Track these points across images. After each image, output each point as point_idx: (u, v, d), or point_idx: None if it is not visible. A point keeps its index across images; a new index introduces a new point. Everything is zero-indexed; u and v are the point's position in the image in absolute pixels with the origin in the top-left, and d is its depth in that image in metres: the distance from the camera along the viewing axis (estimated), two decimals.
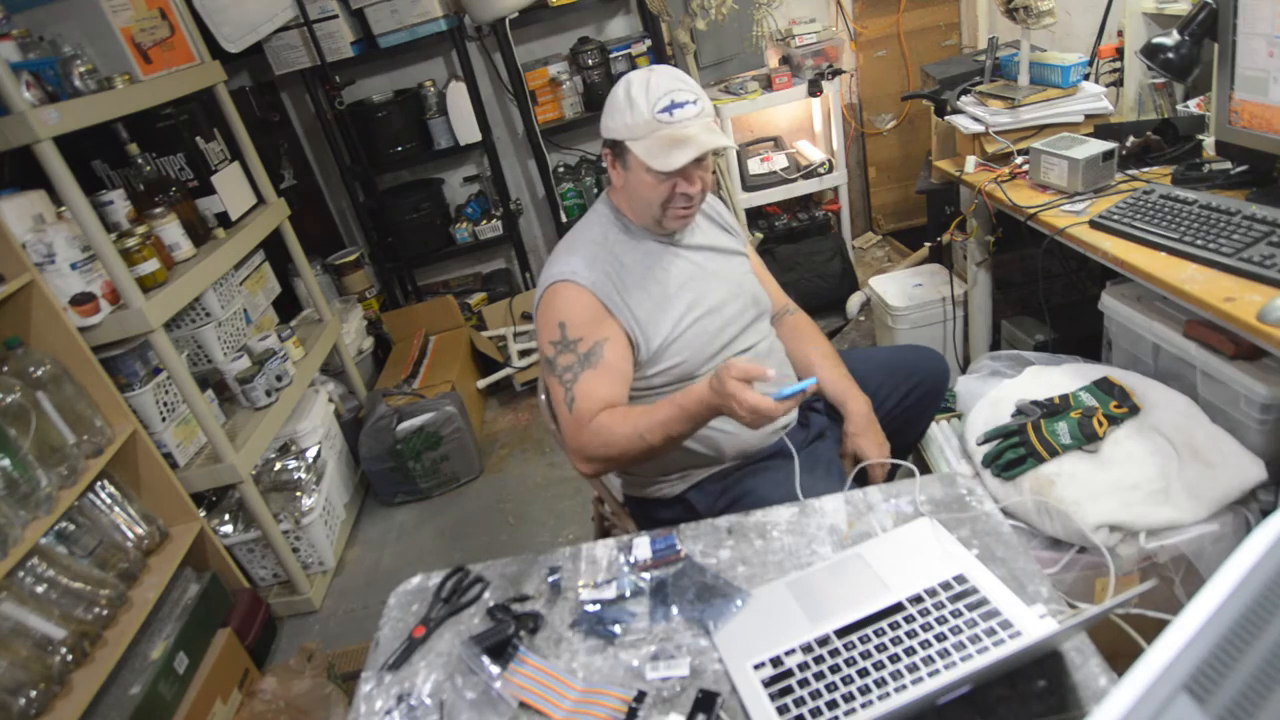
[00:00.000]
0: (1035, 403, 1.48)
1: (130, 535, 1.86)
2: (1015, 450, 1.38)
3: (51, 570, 1.62)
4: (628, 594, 0.97)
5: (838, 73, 2.92)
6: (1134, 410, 1.40)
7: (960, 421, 1.74)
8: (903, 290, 2.44)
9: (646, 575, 0.99)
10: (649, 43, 3.06)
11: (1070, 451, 1.34)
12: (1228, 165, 1.52)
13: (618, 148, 1.24)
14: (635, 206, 1.28)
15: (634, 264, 1.28)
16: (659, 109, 1.16)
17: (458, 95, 3.06)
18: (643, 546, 1.04)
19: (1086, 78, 1.94)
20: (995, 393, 1.58)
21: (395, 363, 3.10)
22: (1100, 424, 1.36)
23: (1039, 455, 1.35)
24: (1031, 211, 1.65)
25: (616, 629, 0.92)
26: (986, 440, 1.45)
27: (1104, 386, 1.47)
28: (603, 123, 1.25)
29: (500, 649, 0.92)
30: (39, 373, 1.69)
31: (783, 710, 0.77)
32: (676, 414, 1.13)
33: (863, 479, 1.30)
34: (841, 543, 0.99)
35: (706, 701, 0.81)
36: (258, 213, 2.52)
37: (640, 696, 0.83)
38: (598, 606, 0.96)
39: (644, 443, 1.15)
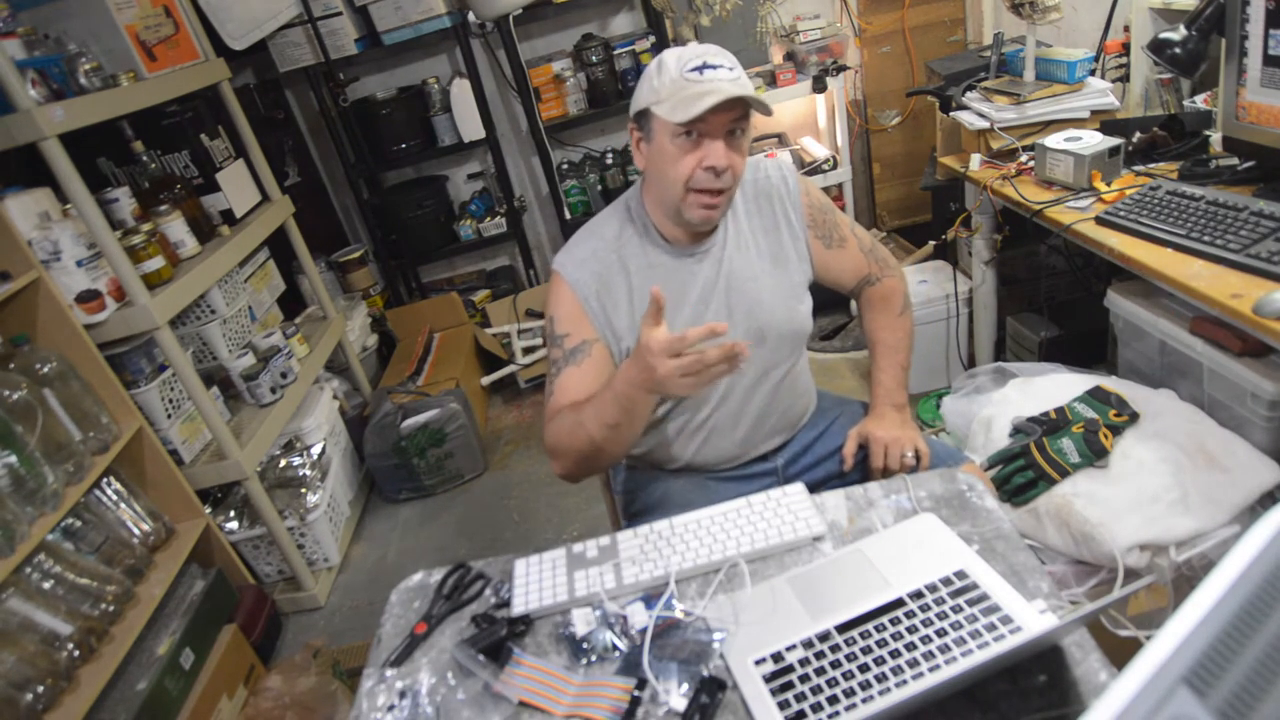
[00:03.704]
0: (1033, 420, 1.44)
1: (136, 532, 1.87)
2: (1024, 474, 1.34)
3: (58, 566, 1.63)
4: (605, 649, 0.90)
5: (842, 69, 2.91)
6: (1134, 417, 1.38)
7: (950, 436, 1.73)
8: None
9: (631, 636, 0.91)
10: (653, 39, 3.06)
11: (1080, 469, 1.31)
12: (1235, 161, 1.52)
13: (643, 118, 1.12)
14: (657, 192, 1.16)
15: (636, 270, 1.19)
16: (688, 69, 1.06)
17: (461, 92, 3.07)
18: (638, 613, 0.92)
19: (1092, 73, 1.93)
20: (986, 412, 1.54)
21: (399, 360, 3.10)
22: (1106, 437, 1.33)
23: (1049, 477, 1.31)
24: (1037, 208, 1.64)
25: (594, 656, 0.90)
26: (990, 465, 1.41)
27: (1099, 395, 1.45)
28: (631, 101, 1.16)
29: (495, 650, 0.92)
30: (45, 369, 1.70)
31: (784, 706, 0.77)
32: (607, 397, 1.04)
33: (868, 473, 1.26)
34: (842, 538, 0.99)
35: (710, 686, 0.81)
36: (262, 210, 2.52)
37: (641, 684, 0.83)
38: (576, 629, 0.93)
39: (584, 432, 1.08)
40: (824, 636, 0.83)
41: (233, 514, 2.27)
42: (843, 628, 0.83)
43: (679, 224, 1.18)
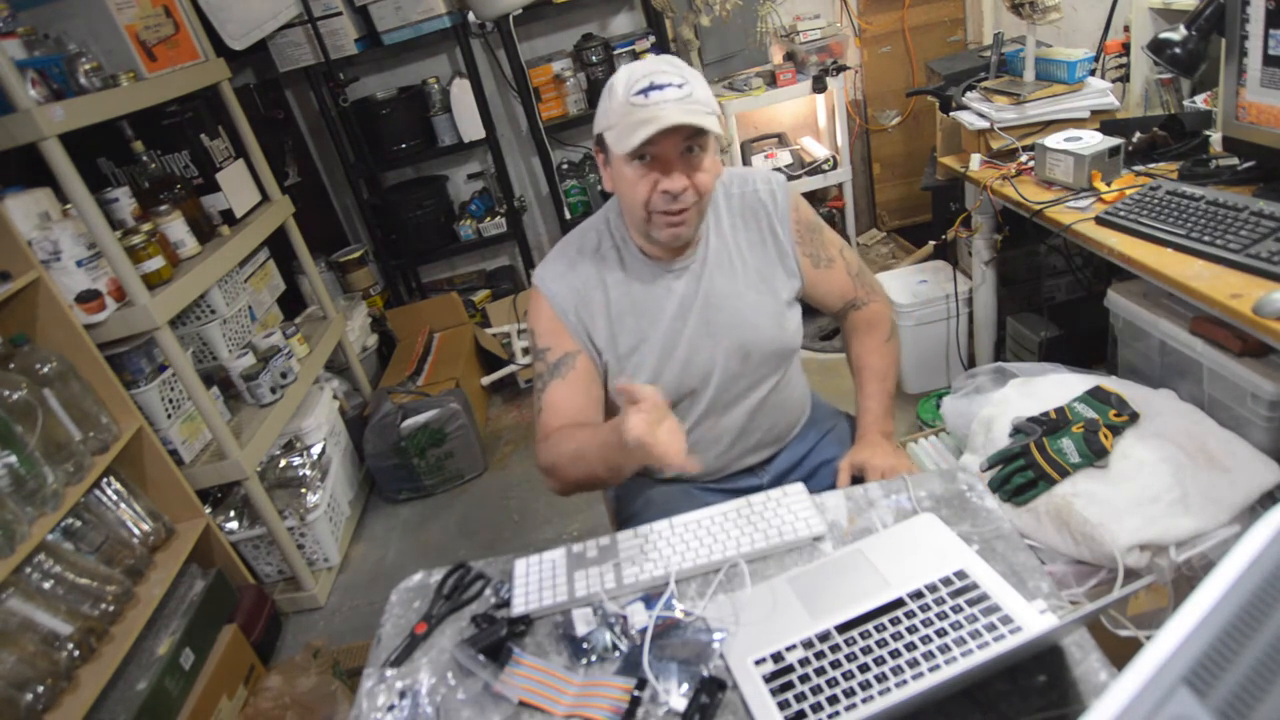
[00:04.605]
0: (1033, 420, 1.44)
1: (136, 532, 1.87)
2: (1023, 474, 1.33)
3: (58, 567, 1.63)
4: (605, 649, 0.90)
5: (842, 69, 2.91)
6: (1134, 417, 1.38)
7: (950, 436, 1.72)
8: (907, 287, 2.44)
9: (631, 635, 0.91)
10: (653, 39, 3.06)
11: (1080, 469, 1.30)
12: (1235, 161, 1.52)
13: (601, 143, 1.11)
14: (626, 212, 1.16)
15: (613, 285, 1.18)
16: (634, 91, 1.03)
17: (461, 92, 3.07)
18: (638, 613, 0.93)
19: (1092, 73, 1.93)
20: (986, 412, 1.53)
21: (399, 360, 3.10)
22: (1106, 437, 1.33)
23: (1049, 477, 1.30)
24: (1037, 208, 1.64)
25: (594, 656, 0.90)
26: (990, 465, 1.40)
27: (1099, 395, 1.44)
28: (593, 123, 1.15)
29: (495, 650, 0.92)
30: (45, 369, 1.70)
31: (784, 706, 0.77)
32: (612, 440, 0.98)
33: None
34: (843, 539, 0.99)
35: (710, 686, 0.81)
36: (262, 210, 2.52)
37: (641, 684, 0.83)
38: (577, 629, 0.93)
39: (586, 466, 1.06)
40: (824, 636, 0.83)
41: (233, 514, 2.27)
42: (843, 628, 0.83)
43: (651, 242, 1.16)
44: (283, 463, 2.38)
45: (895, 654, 0.79)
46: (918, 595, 0.85)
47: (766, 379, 1.25)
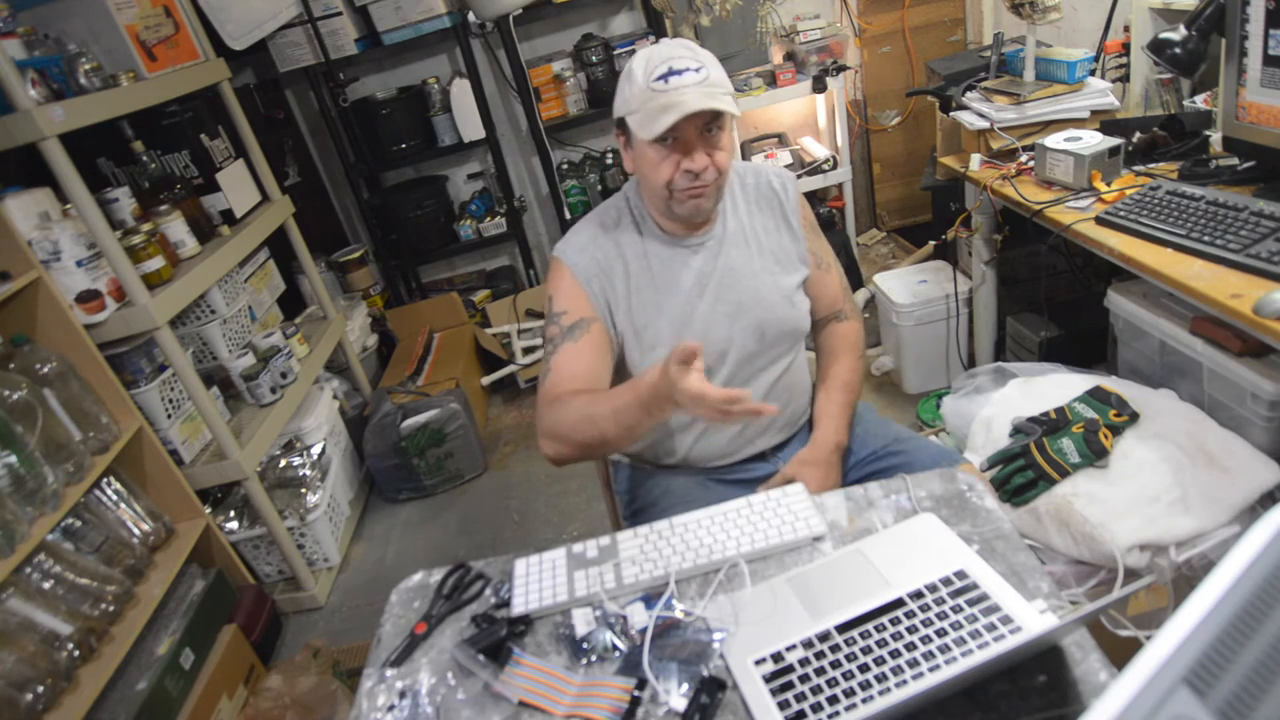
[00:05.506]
0: (1033, 420, 1.44)
1: (136, 532, 1.87)
2: (1023, 474, 1.34)
3: (58, 566, 1.63)
4: (605, 649, 0.90)
5: (842, 69, 2.91)
6: (1134, 417, 1.38)
7: (950, 437, 1.72)
8: (907, 287, 2.44)
9: (630, 636, 0.91)
10: (653, 39, 3.06)
11: (1080, 469, 1.31)
12: (1235, 161, 1.51)
13: (623, 126, 1.15)
14: (647, 192, 1.20)
15: (633, 258, 1.22)
16: (654, 77, 1.07)
17: (461, 92, 3.07)
18: (638, 613, 0.92)
19: (1092, 73, 1.93)
20: (986, 412, 1.54)
21: (399, 360, 3.10)
22: (1106, 437, 1.33)
23: (1049, 477, 1.31)
24: (1037, 208, 1.64)
25: (594, 656, 0.89)
26: (990, 465, 1.41)
27: (1099, 395, 1.45)
28: (613, 105, 1.19)
29: (495, 650, 0.92)
30: (45, 370, 1.70)
31: (784, 706, 0.77)
32: (630, 400, 1.01)
33: None
34: (842, 538, 0.99)
35: (710, 686, 0.81)
36: (262, 210, 2.52)
37: (641, 684, 0.83)
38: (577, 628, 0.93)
39: (595, 428, 1.06)
40: (824, 636, 0.83)
41: (233, 514, 2.27)
42: (843, 628, 0.83)
43: (672, 218, 1.20)
44: (283, 463, 2.38)
45: (895, 654, 0.79)
46: (918, 595, 0.85)
47: (781, 358, 1.28)
